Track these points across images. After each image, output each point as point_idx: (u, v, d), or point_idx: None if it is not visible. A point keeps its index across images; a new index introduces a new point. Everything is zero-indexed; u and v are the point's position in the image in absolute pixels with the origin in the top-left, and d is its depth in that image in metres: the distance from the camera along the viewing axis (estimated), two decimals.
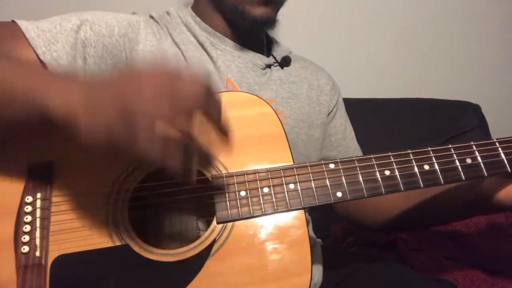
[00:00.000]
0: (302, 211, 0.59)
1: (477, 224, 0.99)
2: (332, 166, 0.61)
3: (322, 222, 0.91)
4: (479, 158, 0.62)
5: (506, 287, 0.87)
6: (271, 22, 0.80)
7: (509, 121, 1.50)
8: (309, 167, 0.61)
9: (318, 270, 0.77)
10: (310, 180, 0.60)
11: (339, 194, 0.60)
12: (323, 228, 0.88)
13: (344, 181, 0.60)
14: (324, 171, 0.61)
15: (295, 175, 0.61)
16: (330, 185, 0.60)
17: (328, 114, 0.91)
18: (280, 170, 0.61)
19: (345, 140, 0.93)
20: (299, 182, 0.60)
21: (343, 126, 0.94)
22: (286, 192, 0.60)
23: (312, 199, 0.59)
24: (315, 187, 0.60)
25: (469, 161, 0.62)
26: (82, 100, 0.45)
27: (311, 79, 0.91)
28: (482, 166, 0.61)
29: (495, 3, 1.40)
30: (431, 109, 1.34)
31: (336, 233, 1.08)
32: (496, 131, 1.38)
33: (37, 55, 0.66)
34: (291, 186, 0.60)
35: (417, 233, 1.04)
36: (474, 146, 0.62)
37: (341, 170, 0.61)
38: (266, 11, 0.76)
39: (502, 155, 0.62)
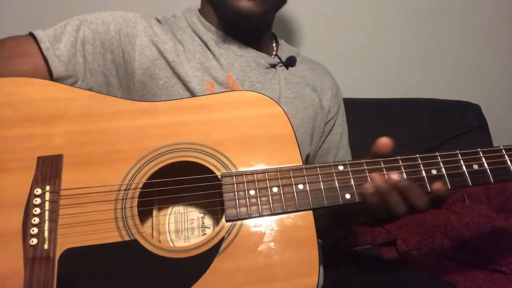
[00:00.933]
0: (311, 212, 0.59)
1: (477, 225, 0.99)
2: (341, 168, 0.61)
3: None
4: (485, 165, 0.61)
5: (506, 287, 0.88)
6: (257, 16, 0.77)
7: (509, 121, 1.51)
8: (318, 168, 0.61)
9: (320, 269, 0.77)
10: (319, 181, 0.60)
11: (347, 196, 0.59)
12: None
13: (353, 183, 0.60)
14: (333, 173, 0.60)
15: (304, 175, 0.60)
16: (339, 187, 0.60)
17: (328, 122, 0.91)
18: (289, 170, 0.60)
19: (337, 149, 0.93)
20: (308, 183, 0.60)
21: (338, 135, 0.93)
22: (295, 192, 0.59)
23: (320, 200, 0.59)
24: (324, 188, 0.60)
25: (475, 167, 0.61)
26: None
27: (316, 81, 0.90)
28: (489, 172, 0.61)
29: (496, 3, 1.39)
30: (431, 109, 1.34)
31: (336, 233, 1.07)
32: (496, 131, 1.38)
33: (40, 49, 0.71)
34: (300, 186, 0.60)
35: (417, 233, 1.04)
36: (481, 153, 0.62)
37: (350, 172, 0.60)
38: (250, 4, 0.74)
39: (509, 162, 0.62)
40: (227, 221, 0.58)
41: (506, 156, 0.63)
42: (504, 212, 1.06)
